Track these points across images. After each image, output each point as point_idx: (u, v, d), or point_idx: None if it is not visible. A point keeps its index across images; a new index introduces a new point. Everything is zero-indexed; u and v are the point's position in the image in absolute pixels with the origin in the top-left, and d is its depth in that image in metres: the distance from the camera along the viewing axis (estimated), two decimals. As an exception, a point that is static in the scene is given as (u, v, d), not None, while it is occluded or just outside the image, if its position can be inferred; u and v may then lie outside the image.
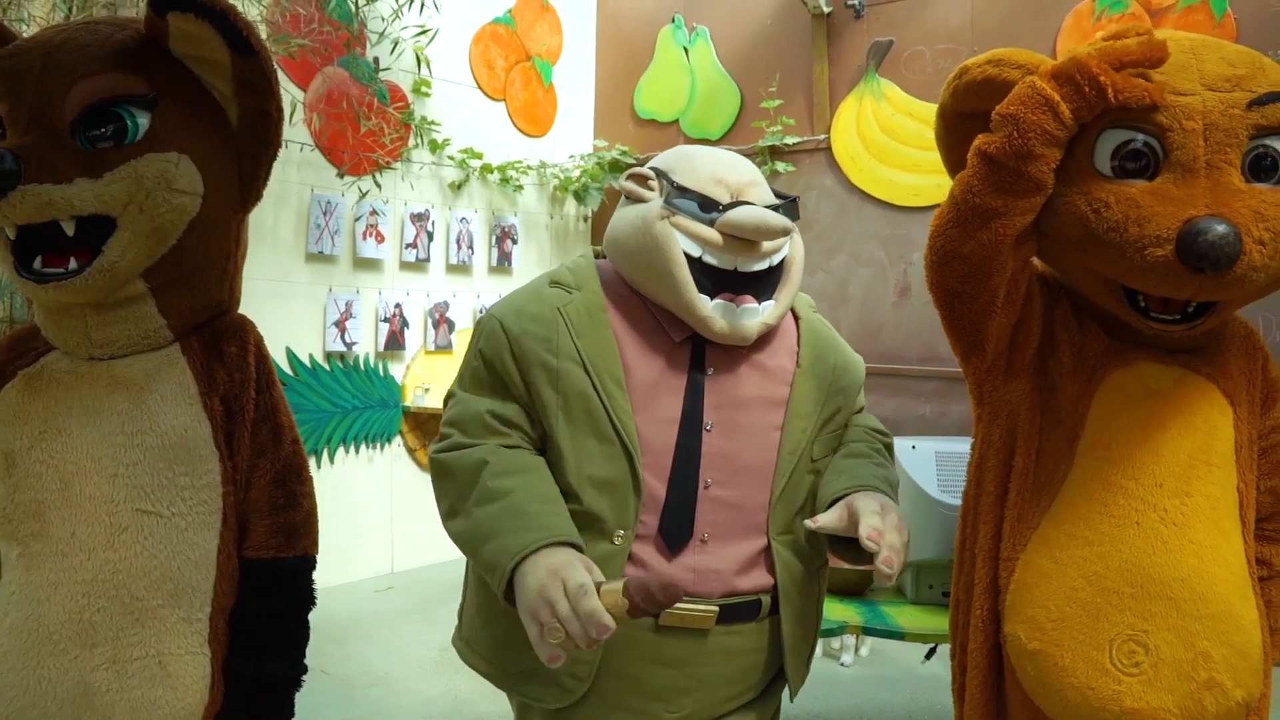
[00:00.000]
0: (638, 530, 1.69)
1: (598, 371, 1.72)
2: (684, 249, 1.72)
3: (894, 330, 5.46)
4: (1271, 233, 1.44)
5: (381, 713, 3.78)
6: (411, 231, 5.63)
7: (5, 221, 1.44)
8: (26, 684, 1.48)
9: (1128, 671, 1.55)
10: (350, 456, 5.45)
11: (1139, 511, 1.59)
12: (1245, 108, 1.47)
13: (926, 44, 5.44)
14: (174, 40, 1.54)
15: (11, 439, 1.53)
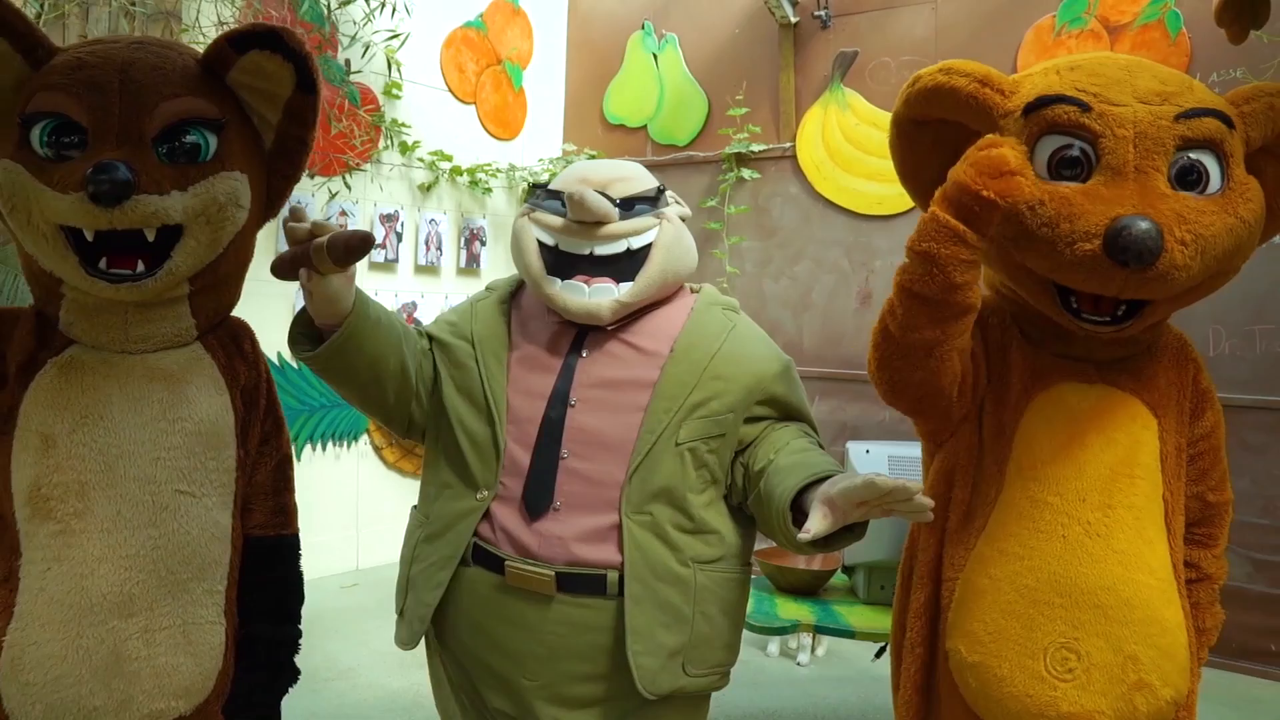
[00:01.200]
0: (498, 491, 1.89)
1: (482, 348, 1.99)
2: (539, 238, 1.95)
3: (855, 336, 5.56)
4: (1193, 235, 1.53)
5: (346, 705, 3.85)
6: (381, 232, 5.67)
7: (102, 225, 1.55)
8: (65, 652, 1.59)
9: (1062, 678, 1.63)
10: (317, 454, 5.49)
11: (1064, 525, 1.67)
12: (1173, 119, 1.57)
13: (891, 55, 5.54)
14: (241, 72, 1.69)
15: (51, 422, 1.63)
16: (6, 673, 1.59)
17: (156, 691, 1.67)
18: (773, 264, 5.83)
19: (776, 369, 1.97)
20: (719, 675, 1.97)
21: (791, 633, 3.11)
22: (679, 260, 1.98)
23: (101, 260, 1.59)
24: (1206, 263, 1.56)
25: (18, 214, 1.57)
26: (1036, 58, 5.01)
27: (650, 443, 1.85)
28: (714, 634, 1.92)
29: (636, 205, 1.95)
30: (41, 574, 1.60)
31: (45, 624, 1.59)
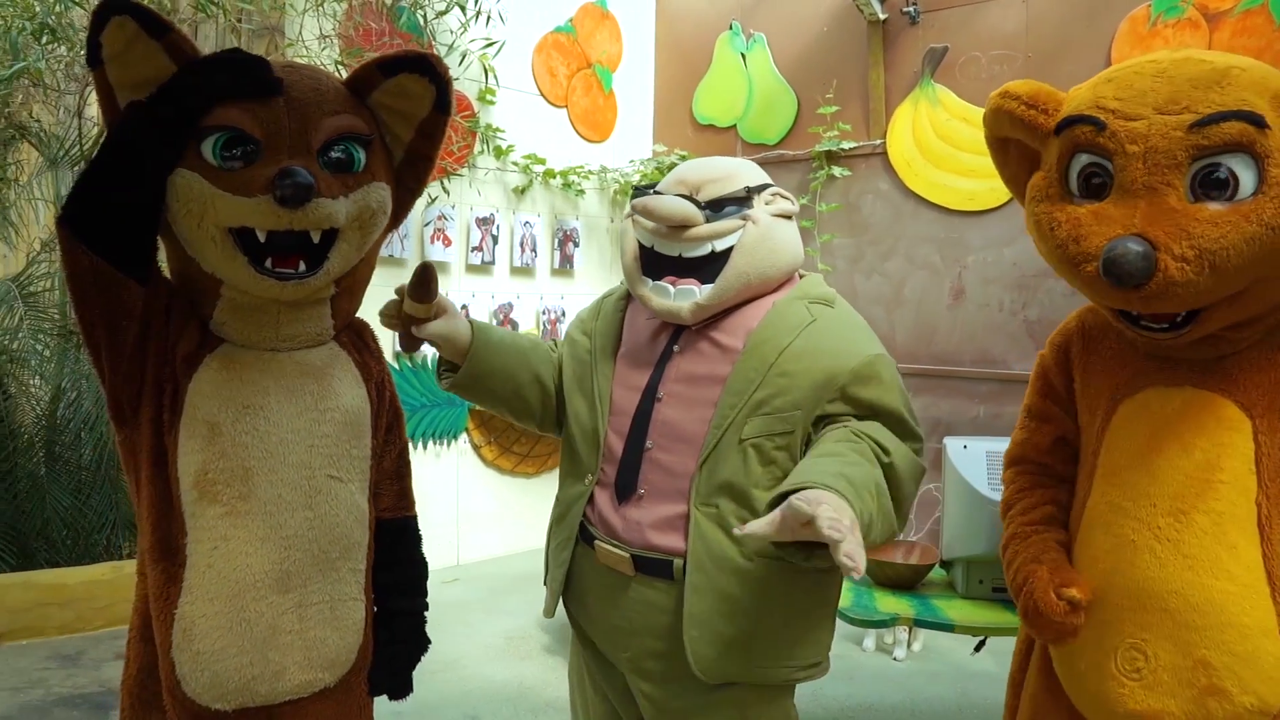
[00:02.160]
0: (599, 477, 2.04)
1: (597, 343, 2.16)
2: (639, 239, 2.06)
3: (948, 333, 5.55)
4: (1195, 250, 1.52)
5: (452, 695, 3.96)
6: (477, 235, 5.80)
7: (283, 225, 1.69)
8: (230, 625, 1.74)
9: (1130, 676, 1.68)
10: (418, 453, 5.63)
11: (1135, 530, 1.70)
12: (1186, 129, 1.55)
13: (981, 50, 5.51)
14: (384, 93, 1.84)
15: (216, 412, 1.76)
16: (180, 642, 1.74)
17: (306, 663, 1.82)
18: (864, 261, 5.84)
19: (853, 365, 1.91)
20: (793, 670, 1.98)
21: (890, 626, 3.14)
22: (763, 261, 1.99)
23: (267, 260, 1.73)
24: (1222, 275, 1.53)
25: (191, 218, 1.69)
26: (1131, 50, 4.95)
27: (717, 437, 1.91)
28: (780, 628, 1.94)
29: (726, 207, 1.99)
30: (209, 552, 1.75)
31: (213, 598, 1.74)
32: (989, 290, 5.45)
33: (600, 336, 2.16)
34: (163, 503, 1.75)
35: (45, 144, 5.03)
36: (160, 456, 1.76)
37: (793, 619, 1.96)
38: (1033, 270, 5.26)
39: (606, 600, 2.04)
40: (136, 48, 1.63)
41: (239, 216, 1.68)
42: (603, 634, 2.08)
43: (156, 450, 1.76)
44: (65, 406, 4.89)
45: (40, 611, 4.41)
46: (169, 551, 1.75)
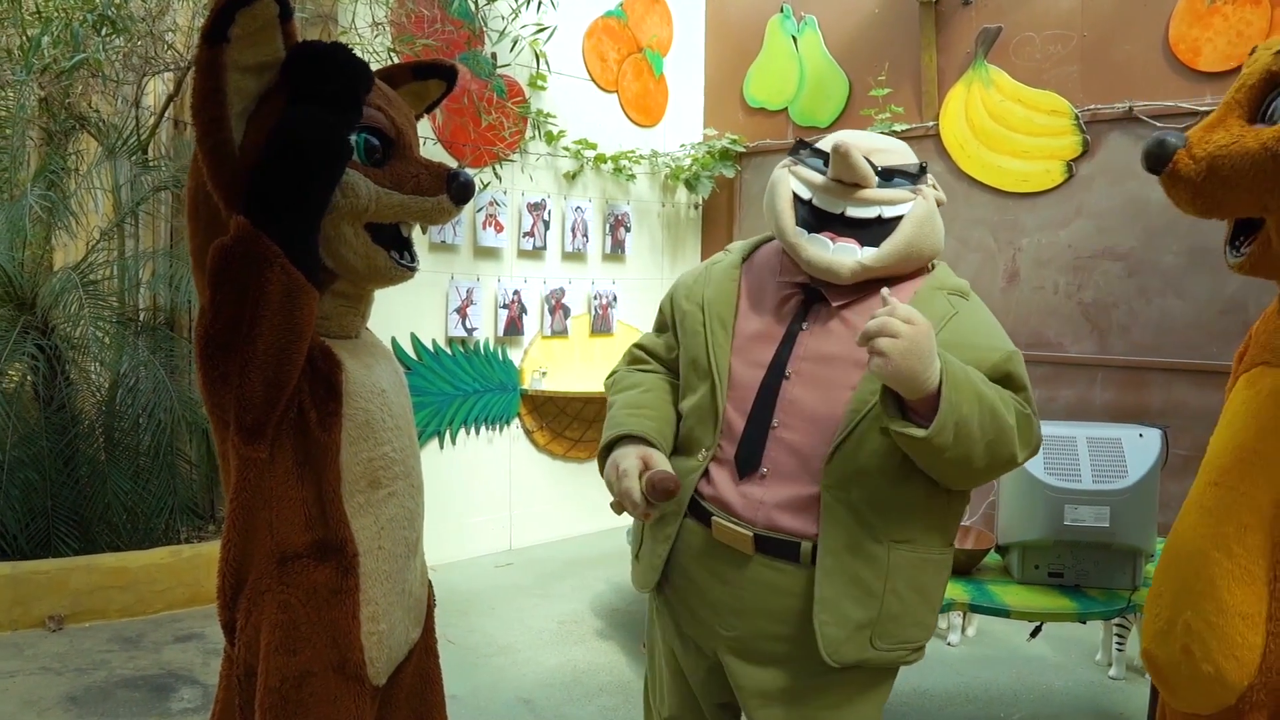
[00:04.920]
0: (715, 453, 1.98)
1: (710, 314, 2.07)
2: (795, 191, 2.00)
3: (1002, 315, 5.43)
4: (1206, 152, 1.59)
5: (505, 680, 4.00)
6: (529, 220, 5.83)
7: (447, 221, 1.92)
8: (397, 598, 1.88)
9: (1153, 620, 1.78)
10: (471, 438, 5.68)
11: (1194, 496, 1.78)
12: (1273, 56, 1.61)
13: (1035, 30, 5.43)
14: (407, 90, 2.04)
15: (367, 400, 1.84)
16: (368, 628, 1.81)
17: (415, 621, 1.98)
18: (917, 244, 5.77)
19: (994, 360, 1.91)
20: (908, 650, 1.99)
21: (945, 612, 3.13)
22: (927, 238, 1.97)
23: (392, 252, 1.86)
24: (1221, 181, 1.58)
25: (352, 214, 1.77)
26: (1189, 29, 4.87)
27: (854, 421, 1.87)
28: (904, 611, 1.94)
29: (896, 177, 1.97)
30: (376, 535, 1.84)
31: (386, 577, 1.85)
32: (1043, 273, 5.39)
33: (714, 305, 2.07)
34: (317, 503, 1.77)
35: (104, 134, 5.11)
36: (309, 457, 1.76)
37: (912, 600, 1.96)
38: (1087, 252, 5.20)
39: (716, 578, 1.99)
40: (269, 29, 1.65)
41: (409, 213, 1.83)
42: (704, 613, 2.03)
43: (305, 452, 1.76)
44: (124, 393, 4.98)
45: (102, 594, 4.51)
46: (334, 547, 1.78)
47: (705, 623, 2.03)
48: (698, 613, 2.05)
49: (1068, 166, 5.27)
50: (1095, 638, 4.30)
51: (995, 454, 1.82)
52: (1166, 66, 4.98)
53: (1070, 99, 5.26)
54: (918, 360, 1.67)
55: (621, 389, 2.16)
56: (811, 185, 1.97)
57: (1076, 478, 3.05)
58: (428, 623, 2.07)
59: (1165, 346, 4.98)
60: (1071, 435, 3.20)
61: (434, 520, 5.35)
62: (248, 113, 1.68)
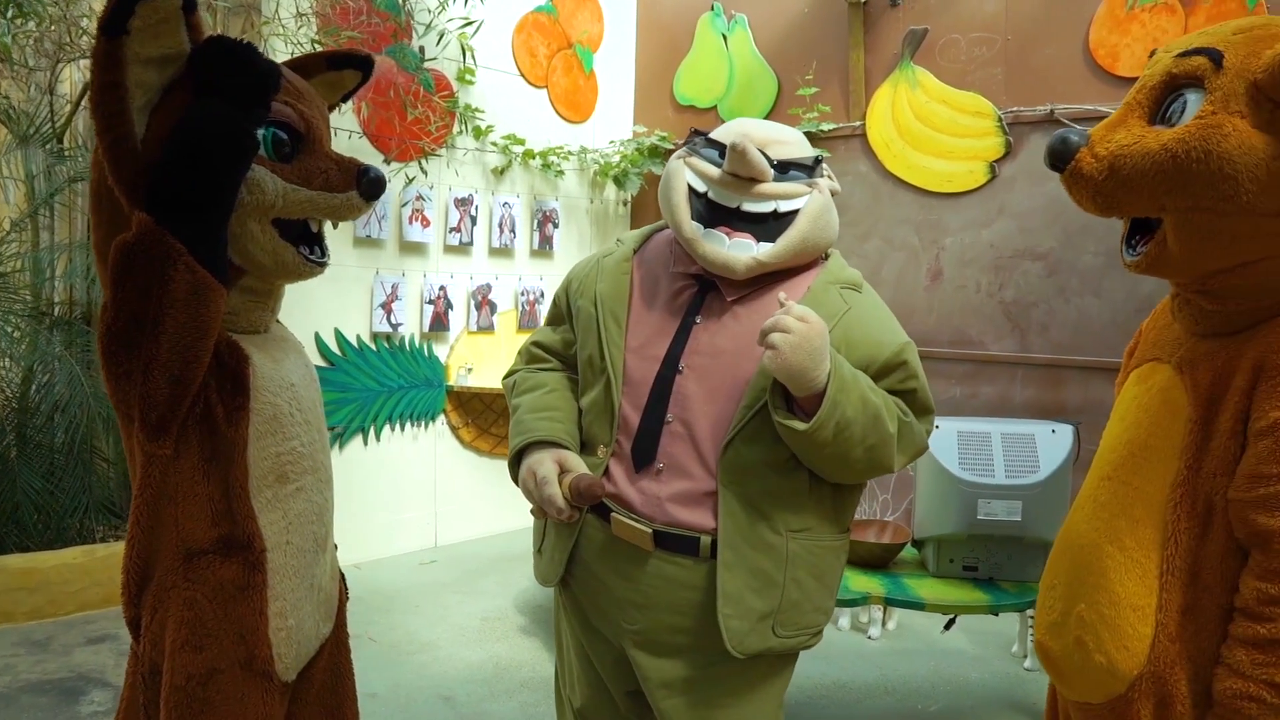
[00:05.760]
0: (614, 449, 1.98)
1: (604, 309, 2.06)
2: (690, 184, 1.99)
3: (925, 314, 5.55)
4: (1108, 151, 1.60)
5: (427, 677, 3.97)
6: (455, 216, 5.78)
7: (357, 217, 1.90)
8: (306, 593, 1.86)
9: (1047, 612, 1.82)
10: (396, 434, 5.63)
11: (1086, 488, 1.83)
12: (1172, 59, 1.62)
13: (961, 32, 5.50)
14: (321, 80, 2.01)
15: (274, 395, 1.82)
16: (276, 624, 1.79)
17: (327, 615, 1.96)
18: (843, 242, 5.75)
19: (885, 356, 1.96)
20: (809, 636, 2.03)
21: (862, 605, 3.16)
22: (822, 231, 1.99)
23: (300, 248, 1.83)
24: (1122, 181, 1.59)
25: (258, 211, 1.74)
26: (1109, 34, 4.97)
27: (747, 416, 1.89)
28: (804, 598, 1.97)
29: (792, 170, 1.97)
30: (284, 530, 1.82)
31: (295, 572, 1.82)
32: (966, 272, 5.47)
33: (607, 300, 2.06)
34: (223, 498, 1.75)
35: (15, 121, 4.98)
36: (215, 452, 1.74)
37: (812, 587, 1.99)
38: (1009, 252, 5.28)
39: (618, 574, 2.00)
40: (171, 22, 1.60)
41: (318, 209, 1.80)
42: (608, 607, 2.03)
43: (211, 447, 1.74)
44: (37, 389, 4.86)
45: (9, 597, 4.36)
46: (240, 543, 1.75)
47: (609, 616, 2.04)
48: (601, 607, 2.05)
49: (991, 167, 5.35)
50: (1012, 630, 4.36)
51: (874, 457, 1.90)
52: (1087, 70, 5.08)
53: (994, 101, 5.34)
54: (808, 357, 1.73)
55: (524, 390, 2.14)
56: (707, 178, 1.97)
57: (990, 473, 3.11)
58: (339, 617, 2.05)
59: (1083, 345, 5.07)
60: (986, 431, 3.25)
61: (358, 518, 5.33)
62: (150, 106, 1.64)
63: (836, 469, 1.91)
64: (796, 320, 1.74)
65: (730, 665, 1.97)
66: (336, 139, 5.03)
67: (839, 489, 2.01)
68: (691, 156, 2.02)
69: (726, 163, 1.92)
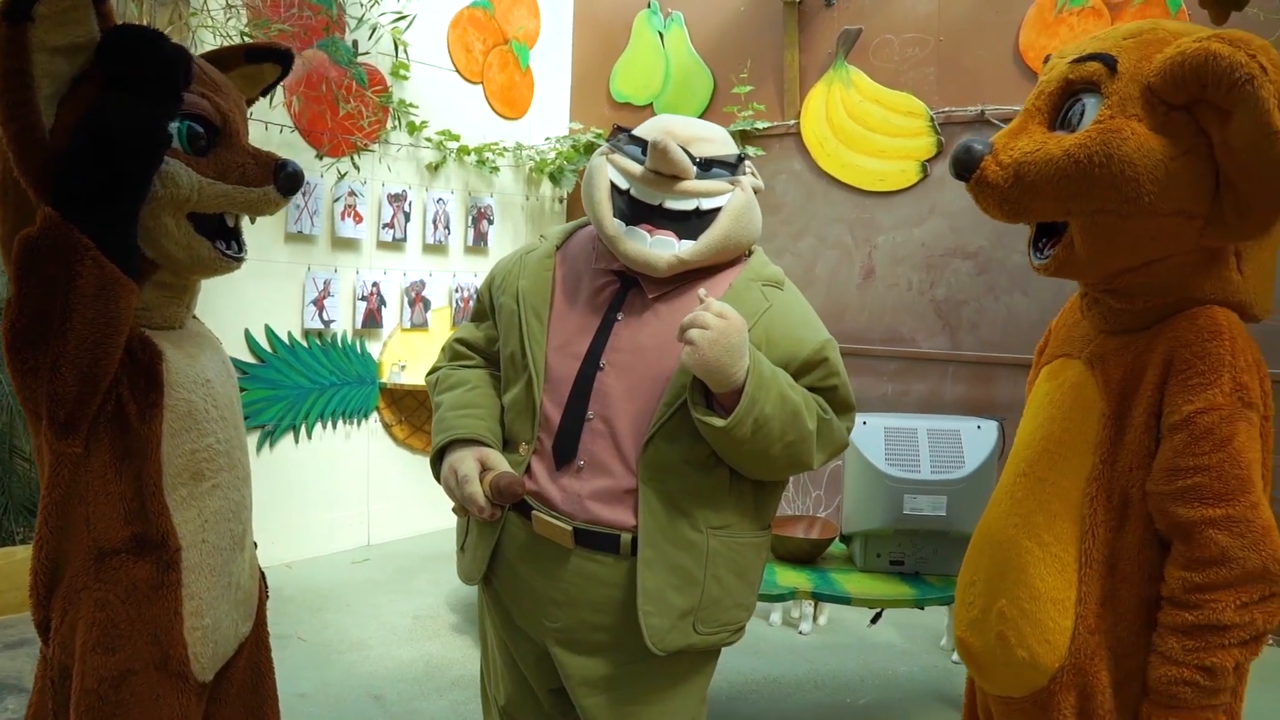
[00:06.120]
0: (536, 446, 1.96)
1: (525, 306, 2.04)
2: (613, 180, 1.98)
3: (858, 311, 5.60)
4: (1012, 159, 1.62)
5: (357, 676, 3.93)
6: (389, 212, 5.73)
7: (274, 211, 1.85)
8: (223, 592, 1.83)
9: (966, 608, 1.84)
10: (328, 432, 5.57)
11: (1002, 484, 1.85)
12: (1067, 65, 1.65)
13: (894, 33, 5.56)
14: (239, 74, 1.98)
15: (189, 391, 1.79)
16: (191, 623, 1.76)
17: (246, 614, 1.94)
18: (777, 240, 5.86)
19: (806, 354, 1.98)
20: (730, 632, 2.03)
21: (789, 600, 3.18)
22: (744, 229, 2.00)
23: (217, 242, 1.80)
24: (1027, 187, 1.61)
25: (172, 205, 1.70)
26: (1039, 36, 5.04)
27: (667, 414, 1.89)
28: (725, 595, 1.98)
29: (714, 168, 1.97)
30: (200, 528, 1.79)
31: (211, 570, 1.80)
32: (898, 270, 5.52)
33: (529, 297, 2.05)
34: (136, 496, 1.72)
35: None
36: (128, 450, 1.71)
37: (732, 584, 1.99)
38: (940, 250, 5.34)
39: (539, 572, 1.99)
40: (80, 9, 1.57)
41: (234, 204, 1.77)
42: (530, 605, 2.02)
43: (124, 445, 1.71)
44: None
45: (-76, 600, 4.26)
46: (154, 542, 1.73)
47: (531, 614, 2.03)
48: (524, 605, 2.04)
49: (923, 167, 5.40)
50: (940, 623, 4.41)
51: (793, 454, 1.92)
52: (1016, 72, 5.16)
53: (926, 101, 5.40)
54: (726, 353, 1.74)
55: (447, 388, 2.13)
56: (629, 175, 1.96)
57: (916, 468, 3.14)
58: (259, 616, 2.02)
59: (1012, 342, 5.14)
60: (913, 427, 3.28)
61: (290, 517, 5.28)
62: (59, 96, 1.61)
63: (756, 466, 1.92)
64: (715, 317, 1.75)
65: (652, 662, 1.97)
66: (268, 133, 5.01)
67: (760, 486, 2.02)
68: (614, 153, 2.01)
69: (649, 160, 1.91)
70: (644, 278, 1.98)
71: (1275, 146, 1.42)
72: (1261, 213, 1.52)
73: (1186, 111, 1.53)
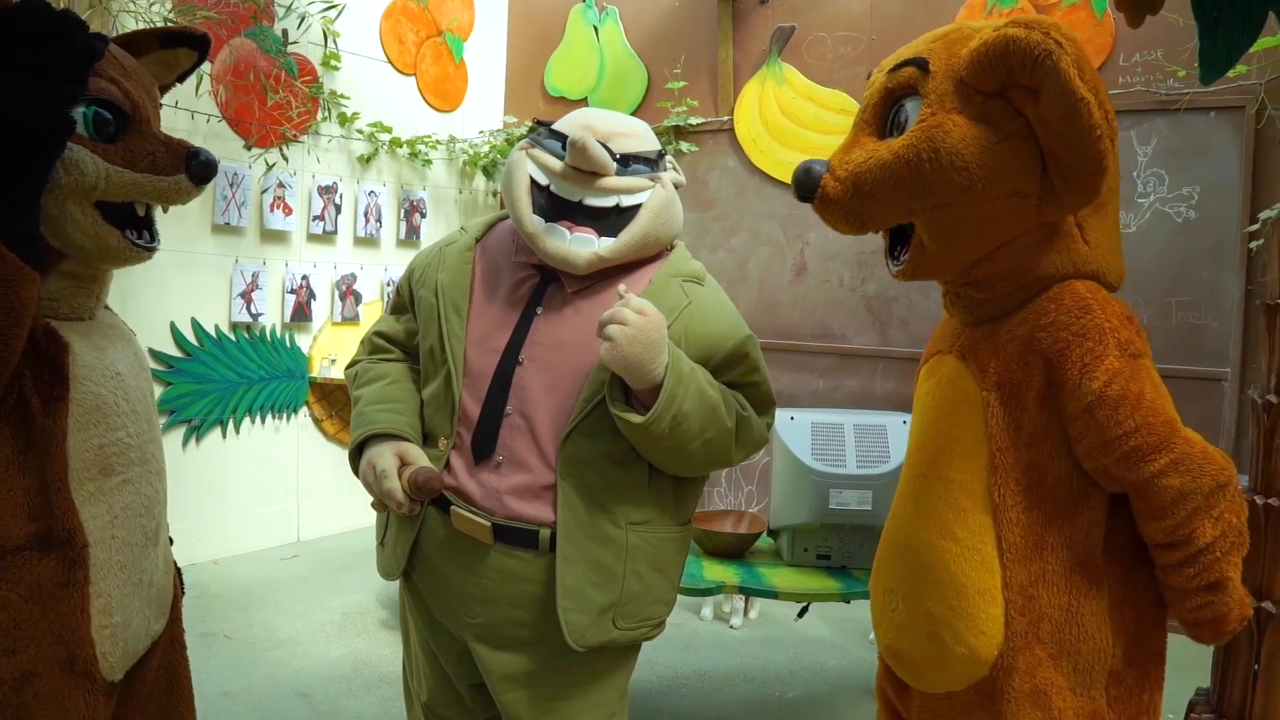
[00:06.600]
0: (454, 442, 1.95)
1: (445, 300, 2.02)
2: (533, 176, 1.96)
3: (790, 307, 5.64)
4: (847, 171, 1.66)
5: (283, 674, 3.88)
6: (319, 204, 5.67)
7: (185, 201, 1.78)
8: (133, 589, 1.77)
9: (889, 616, 1.84)
10: (257, 427, 5.50)
11: (902, 490, 1.87)
12: (885, 75, 1.70)
13: (827, 30, 5.60)
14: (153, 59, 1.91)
15: (98, 384, 1.72)
16: (99, 622, 1.69)
17: (159, 612, 1.88)
18: (710, 236, 5.89)
19: (726, 350, 1.99)
20: (650, 627, 2.03)
21: (716, 594, 3.19)
22: (664, 226, 1.99)
23: (127, 232, 1.74)
24: (866, 195, 1.65)
25: (78, 193, 1.64)
26: (968, 34, 5.09)
27: (586, 410, 1.88)
28: (645, 590, 1.98)
29: (634, 164, 1.96)
30: (110, 524, 1.72)
31: (121, 567, 1.74)
32: (829, 267, 5.56)
33: (448, 290, 2.03)
34: (41, 492, 1.66)
35: None
36: (31, 445, 1.65)
37: (652, 580, 1.99)
38: (871, 247, 5.38)
39: (458, 567, 1.97)
40: None
41: (143, 193, 1.71)
42: (450, 601, 2.00)
43: (27, 439, 1.65)
44: None
45: None
46: (60, 539, 1.66)
47: (451, 610, 2.02)
48: (444, 601, 2.03)
49: (854, 164, 5.43)
50: (868, 617, 4.41)
51: (711, 451, 1.93)
52: (946, 71, 5.20)
53: (859, 99, 5.42)
54: (644, 349, 1.75)
55: (366, 382, 2.10)
56: (549, 171, 1.95)
57: (842, 463, 3.16)
58: (174, 613, 1.97)
59: (941, 339, 5.19)
60: (840, 422, 3.30)
61: (217, 513, 5.21)
62: None
63: (674, 462, 1.93)
64: (634, 313, 1.76)
65: (572, 657, 1.97)
66: (194, 122, 4.92)
67: (679, 481, 2.02)
68: (534, 148, 2.00)
69: (568, 156, 1.91)
70: (564, 272, 1.97)
71: (1083, 112, 1.49)
72: (1086, 179, 1.58)
73: (1001, 97, 1.59)
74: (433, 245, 2.18)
